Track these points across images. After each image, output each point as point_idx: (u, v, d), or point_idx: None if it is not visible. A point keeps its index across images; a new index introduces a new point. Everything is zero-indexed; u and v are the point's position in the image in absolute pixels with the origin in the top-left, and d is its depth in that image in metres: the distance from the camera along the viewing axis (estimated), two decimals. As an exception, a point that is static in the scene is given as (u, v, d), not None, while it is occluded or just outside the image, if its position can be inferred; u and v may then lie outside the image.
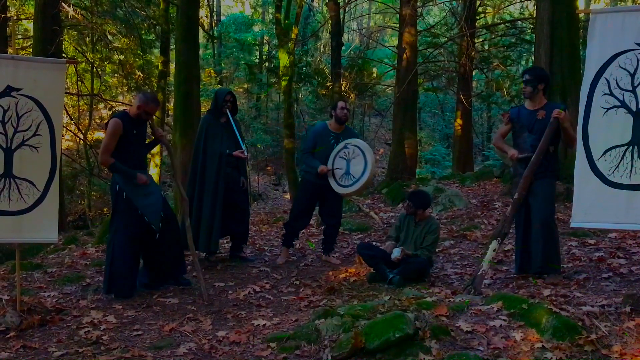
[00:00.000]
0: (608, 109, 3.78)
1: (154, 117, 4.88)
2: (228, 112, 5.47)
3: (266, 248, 6.58)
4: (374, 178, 6.07)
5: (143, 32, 13.77)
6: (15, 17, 13.30)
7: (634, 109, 3.72)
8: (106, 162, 4.47)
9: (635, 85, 3.73)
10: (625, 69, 3.75)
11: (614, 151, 3.75)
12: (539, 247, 4.33)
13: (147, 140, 4.83)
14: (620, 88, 3.76)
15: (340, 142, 5.50)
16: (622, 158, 3.74)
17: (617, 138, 3.76)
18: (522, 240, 4.52)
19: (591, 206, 3.87)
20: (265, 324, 3.77)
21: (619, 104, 3.76)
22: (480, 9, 15.66)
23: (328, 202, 5.68)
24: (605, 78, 3.82)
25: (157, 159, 14.60)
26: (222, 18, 25.58)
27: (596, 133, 3.83)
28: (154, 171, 13.87)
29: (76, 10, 11.07)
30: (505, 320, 3.24)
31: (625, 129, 3.73)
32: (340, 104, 5.63)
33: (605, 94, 3.80)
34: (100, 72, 14.54)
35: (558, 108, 4.32)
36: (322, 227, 6.14)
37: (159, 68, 14.85)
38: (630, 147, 3.72)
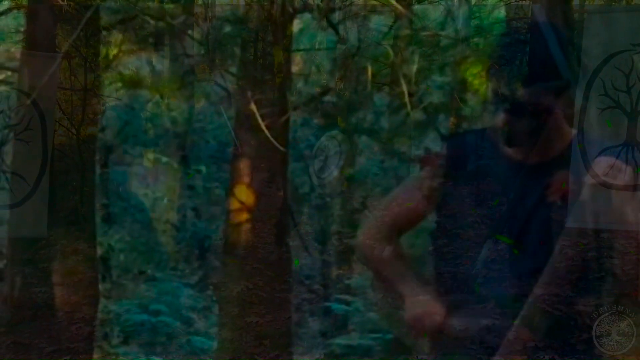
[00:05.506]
0: (603, 110, 3.78)
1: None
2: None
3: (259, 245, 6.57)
4: None
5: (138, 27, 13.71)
6: (8, 10, 13.21)
7: (629, 110, 3.72)
8: None
9: (630, 85, 3.73)
10: (620, 70, 3.75)
11: (609, 152, 3.76)
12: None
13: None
14: (615, 89, 3.76)
15: None
16: (617, 159, 3.74)
17: (612, 139, 3.76)
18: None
19: (585, 206, 3.87)
20: (258, 320, 3.76)
21: (614, 104, 3.76)
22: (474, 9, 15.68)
23: None
24: (601, 78, 3.81)
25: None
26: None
27: (591, 133, 3.83)
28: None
29: (70, 5, 11.00)
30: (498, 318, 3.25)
31: (620, 130, 3.73)
32: None
33: (600, 95, 3.80)
34: (93, 67, 14.47)
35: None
36: None
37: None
38: (625, 148, 3.72)
